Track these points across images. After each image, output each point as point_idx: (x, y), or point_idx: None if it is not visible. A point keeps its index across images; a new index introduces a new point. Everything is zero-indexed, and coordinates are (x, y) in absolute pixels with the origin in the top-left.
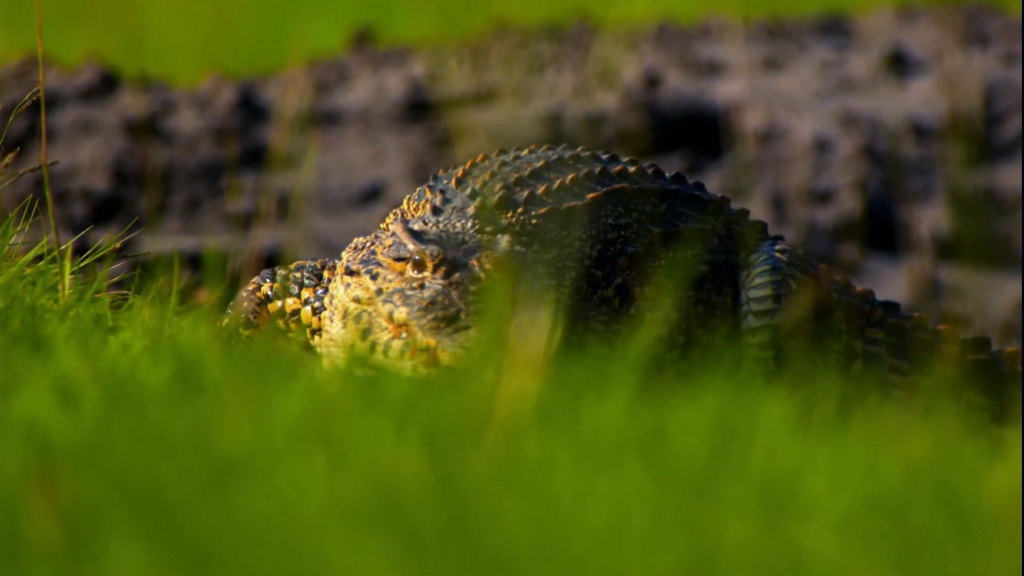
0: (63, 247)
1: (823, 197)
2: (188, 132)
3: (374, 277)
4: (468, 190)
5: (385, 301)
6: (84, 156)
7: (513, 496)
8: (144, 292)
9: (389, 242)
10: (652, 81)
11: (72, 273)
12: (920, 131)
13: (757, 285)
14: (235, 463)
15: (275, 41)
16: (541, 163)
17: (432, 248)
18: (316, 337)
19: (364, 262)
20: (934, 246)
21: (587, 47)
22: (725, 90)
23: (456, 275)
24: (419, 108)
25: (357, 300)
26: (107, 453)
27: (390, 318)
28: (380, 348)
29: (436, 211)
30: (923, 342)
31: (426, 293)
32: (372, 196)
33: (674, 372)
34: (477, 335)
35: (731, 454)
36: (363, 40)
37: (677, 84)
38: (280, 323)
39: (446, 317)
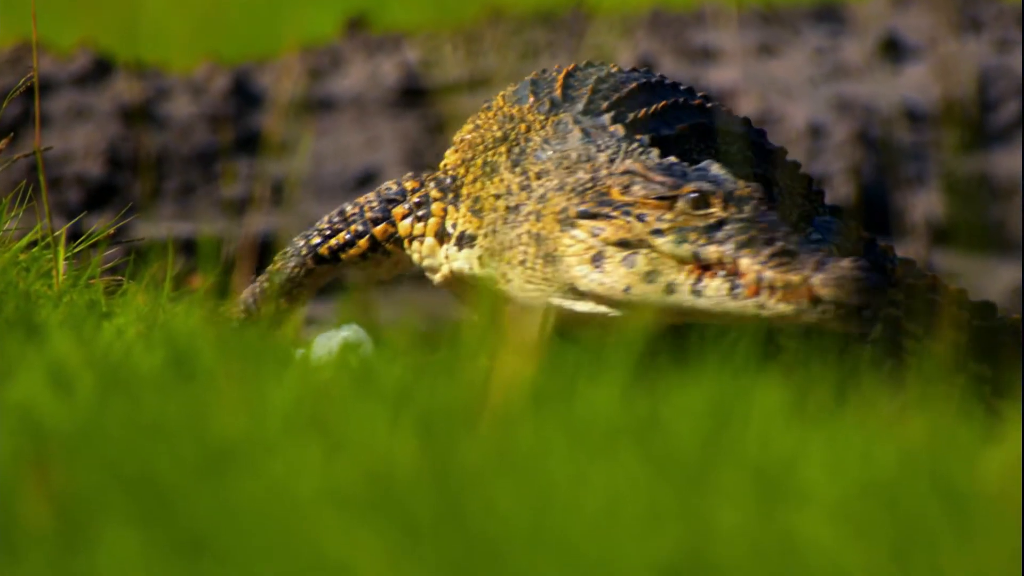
0: (57, 233)
1: (817, 183)
2: (182, 118)
3: (641, 218)
4: (580, 105)
5: (678, 242)
6: (78, 142)
7: (507, 482)
8: (138, 278)
9: (623, 180)
10: (646, 67)
11: (66, 259)
12: (914, 117)
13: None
14: (230, 449)
15: (269, 27)
16: (634, 85)
17: (703, 184)
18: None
19: (604, 203)
20: (928, 231)
21: (581, 33)
22: (719, 76)
23: (749, 205)
24: (413, 94)
25: (624, 244)
26: (101, 439)
27: (694, 257)
28: (684, 289)
29: (586, 134)
30: (935, 304)
31: (735, 228)
32: (366, 181)
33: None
34: (833, 258)
35: (726, 440)
36: (357, 26)
37: (671, 70)
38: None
39: (784, 251)
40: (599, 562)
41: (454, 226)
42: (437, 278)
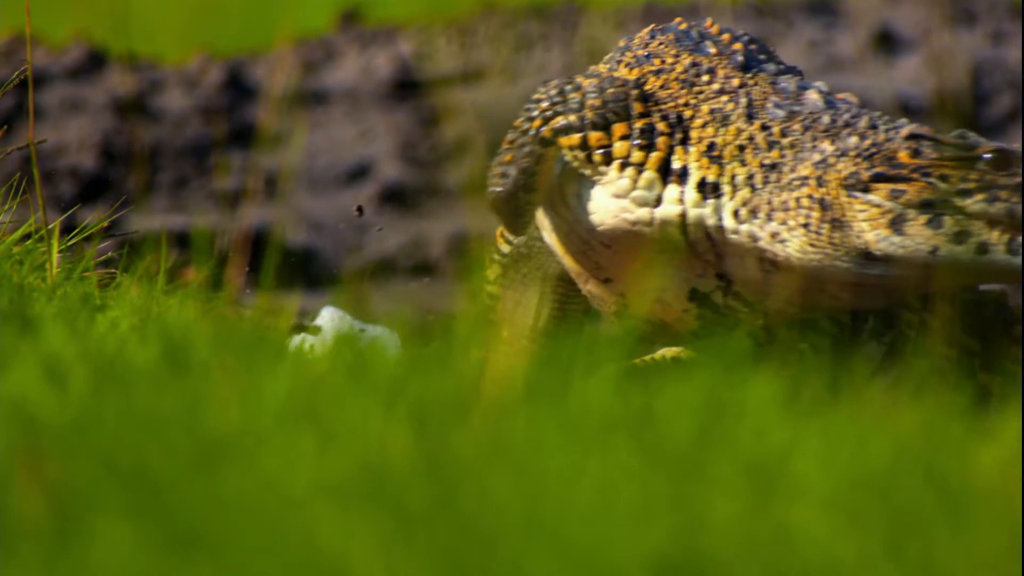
0: (51, 226)
1: None
2: (176, 111)
3: (944, 179)
4: (771, 67)
5: (990, 200)
6: (72, 135)
7: (501, 474)
8: (132, 271)
9: (910, 144)
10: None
11: (60, 252)
12: (908, 109)
13: None
14: (223, 442)
15: (263, 20)
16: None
17: (1000, 144)
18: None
19: (897, 166)
20: None
21: (575, 26)
22: None
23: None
24: (407, 87)
25: (928, 205)
26: (95, 432)
27: (1009, 216)
28: (999, 248)
29: (825, 99)
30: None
31: None
32: (359, 175)
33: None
34: None
35: (719, 433)
36: (351, 19)
37: None
38: (574, 156)
39: None
40: (592, 553)
41: (685, 169)
42: (630, 216)
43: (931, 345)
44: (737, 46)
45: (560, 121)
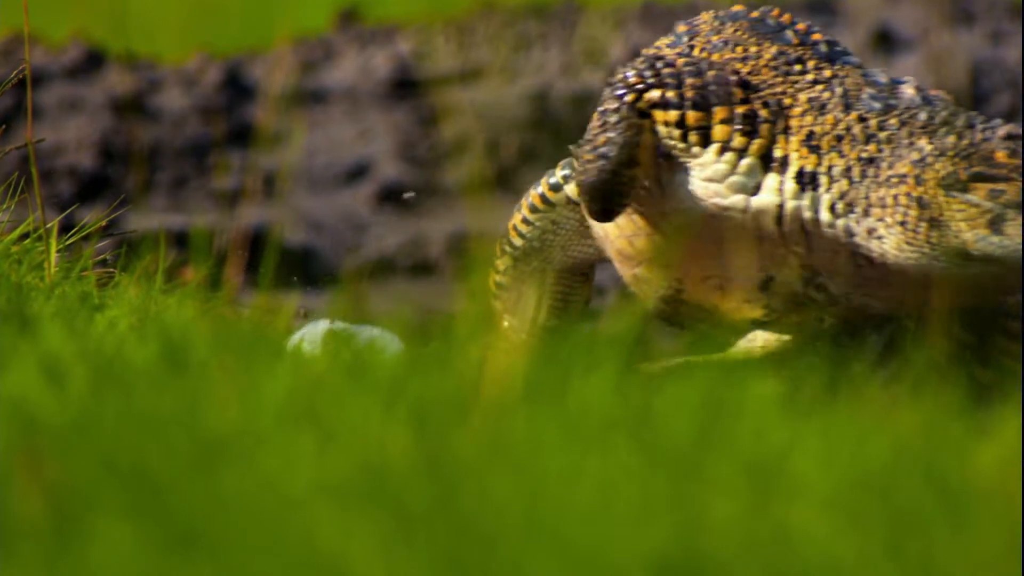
0: (49, 225)
1: None
2: (175, 110)
3: None
4: (852, 58)
5: None
6: (70, 134)
7: (501, 474)
8: (131, 270)
9: (1008, 144)
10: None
11: (58, 251)
12: None
13: None
14: (223, 442)
15: (261, 19)
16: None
17: None
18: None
19: (996, 166)
20: None
21: (573, 25)
22: None
23: None
24: (405, 86)
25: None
26: (94, 432)
27: None
28: None
29: (921, 94)
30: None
31: None
32: (358, 174)
33: None
34: None
35: (719, 432)
36: (349, 18)
37: None
38: (668, 133)
39: None
40: (592, 553)
41: (785, 158)
42: (722, 201)
43: (930, 338)
44: (817, 36)
45: (655, 94)
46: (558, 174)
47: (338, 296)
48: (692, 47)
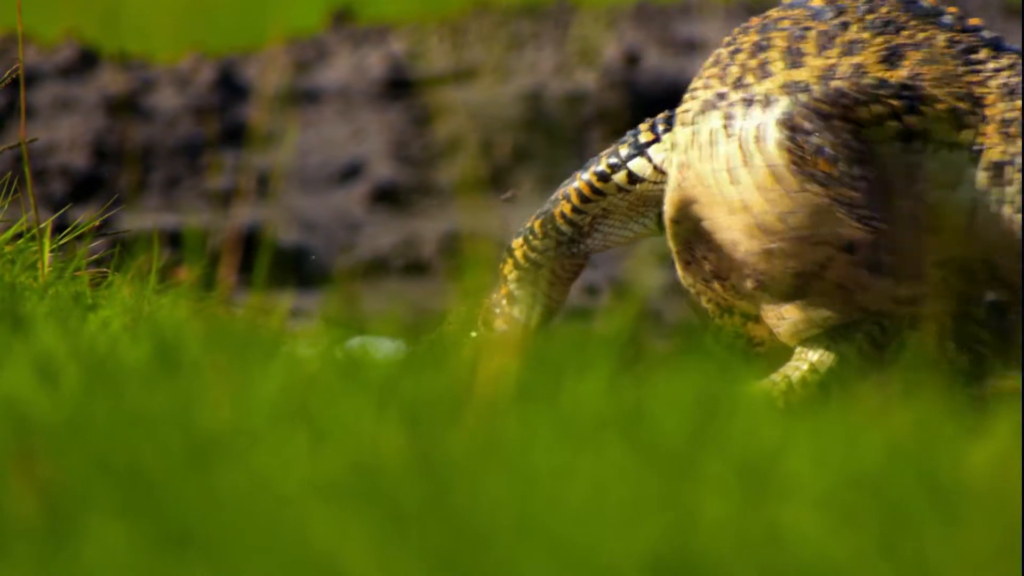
0: (42, 225)
1: None
2: (168, 110)
3: None
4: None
5: None
6: (63, 133)
7: (493, 473)
8: (124, 270)
9: None
10: (632, 59)
11: (52, 251)
12: None
13: None
14: (216, 441)
15: (254, 19)
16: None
17: None
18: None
19: None
20: None
21: (567, 25)
22: None
23: None
24: (399, 86)
25: None
26: (87, 431)
27: None
28: None
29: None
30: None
31: None
32: (351, 174)
33: None
34: None
35: (711, 432)
36: (343, 18)
37: (657, 62)
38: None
39: None
40: (584, 552)
41: (980, 149)
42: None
43: (925, 337)
44: (975, 20)
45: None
46: (605, 162)
47: (331, 295)
48: (846, 25)
